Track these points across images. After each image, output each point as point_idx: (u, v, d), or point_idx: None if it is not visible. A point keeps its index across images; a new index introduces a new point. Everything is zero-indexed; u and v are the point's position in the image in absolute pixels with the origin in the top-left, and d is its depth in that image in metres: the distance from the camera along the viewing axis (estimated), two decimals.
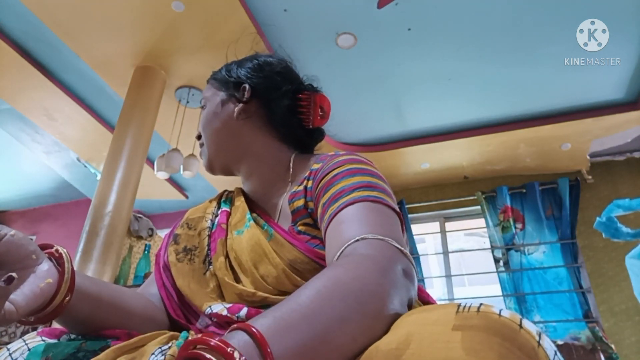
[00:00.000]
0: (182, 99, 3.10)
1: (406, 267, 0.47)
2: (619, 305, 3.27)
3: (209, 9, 2.43)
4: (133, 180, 2.58)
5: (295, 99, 0.78)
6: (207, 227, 0.73)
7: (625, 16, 2.48)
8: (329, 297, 0.38)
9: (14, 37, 2.87)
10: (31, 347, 0.52)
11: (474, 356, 0.29)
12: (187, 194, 4.64)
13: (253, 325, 0.33)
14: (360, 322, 0.37)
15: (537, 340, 0.30)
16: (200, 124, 0.82)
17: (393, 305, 0.40)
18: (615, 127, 3.28)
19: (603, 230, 2.06)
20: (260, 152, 0.77)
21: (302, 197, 0.67)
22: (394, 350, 0.33)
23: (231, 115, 0.77)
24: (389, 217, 0.56)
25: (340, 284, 0.40)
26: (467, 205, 3.97)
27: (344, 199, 0.58)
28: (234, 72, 0.80)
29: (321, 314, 0.36)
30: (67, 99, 3.26)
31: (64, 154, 4.11)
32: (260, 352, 0.31)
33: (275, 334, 0.33)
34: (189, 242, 0.72)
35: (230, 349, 0.30)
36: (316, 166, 0.69)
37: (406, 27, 2.62)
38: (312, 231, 0.64)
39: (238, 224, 0.71)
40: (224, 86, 0.80)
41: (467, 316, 0.32)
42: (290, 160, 0.76)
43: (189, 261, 0.70)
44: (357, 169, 0.63)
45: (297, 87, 0.80)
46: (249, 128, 0.77)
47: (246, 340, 0.32)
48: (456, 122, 3.46)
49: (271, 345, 0.32)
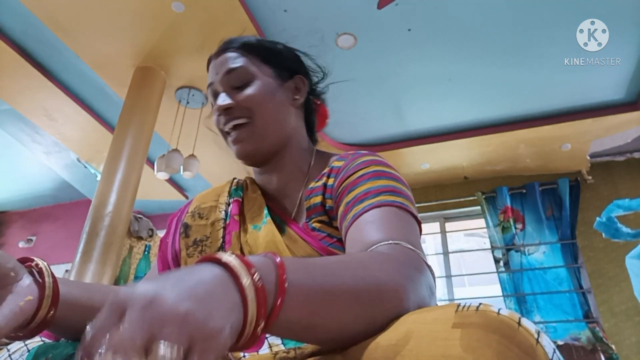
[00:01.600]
0: (182, 99, 3.11)
1: (431, 284, 0.47)
2: (619, 306, 3.27)
3: (209, 9, 2.43)
4: (133, 180, 2.58)
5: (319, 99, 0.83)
6: (221, 219, 0.71)
7: (625, 16, 2.48)
8: (353, 273, 0.39)
9: (14, 37, 2.87)
10: (31, 348, 0.53)
11: (471, 353, 0.29)
12: (187, 194, 4.64)
13: (278, 256, 0.36)
14: (370, 307, 0.38)
15: (535, 338, 0.30)
16: (251, 96, 0.69)
17: (407, 309, 0.40)
18: (615, 127, 3.28)
19: (603, 231, 2.06)
20: (297, 146, 0.75)
21: (320, 194, 0.66)
22: (393, 346, 0.33)
23: (288, 101, 0.73)
24: (412, 226, 0.56)
25: (367, 268, 0.41)
26: (467, 206, 3.97)
27: (370, 200, 0.58)
28: (289, 58, 0.78)
29: (340, 280, 0.38)
30: (67, 100, 3.26)
31: (64, 155, 4.11)
32: (276, 276, 0.33)
33: (295, 270, 0.35)
34: (199, 233, 0.70)
35: (253, 269, 0.32)
36: (338, 164, 0.68)
37: (406, 28, 2.62)
38: (326, 229, 0.64)
39: (255, 218, 0.70)
40: (272, 65, 0.74)
41: (466, 315, 0.32)
42: (312, 154, 0.76)
43: (199, 253, 0.69)
44: (383, 171, 0.63)
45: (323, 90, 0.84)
46: (295, 118, 0.76)
47: (269, 261, 0.35)
48: (456, 123, 3.46)
49: (288, 274, 0.34)
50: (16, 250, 5.11)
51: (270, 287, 0.33)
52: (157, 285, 0.28)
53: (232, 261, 0.32)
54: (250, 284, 0.31)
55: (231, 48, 0.73)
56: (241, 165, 0.75)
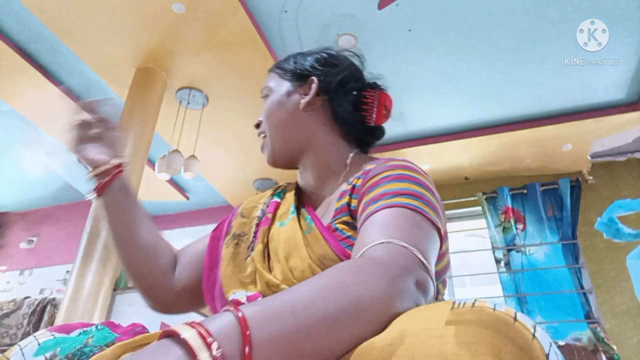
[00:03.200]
0: (183, 100, 3.11)
1: (421, 279, 0.45)
2: (621, 306, 3.26)
3: (210, 10, 2.44)
4: (134, 181, 2.58)
5: (360, 96, 0.78)
6: (257, 216, 0.76)
7: (626, 16, 2.48)
8: (324, 296, 0.38)
9: (15, 39, 2.87)
10: (41, 342, 0.55)
11: (466, 349, 0.29)
12: (188, 195, 4.65)
13: (242, 309, 0.35)
14: (352, 326, 0.37)
15: (532, 333, 0.30)
16: (263, 113, 0.80)
17: (397, 312, 0.39)
18: (616, 127, 3.28)
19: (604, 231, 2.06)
20: (322, 147, 0.76)
21: (348, 195, 0.67)
22: (388, 346, 0.33)
23: (297, 106, 0.76)
24: (423, 229, 0.54)
25: (340, 285, 0.39)
26: (467, 206, 3.97)
27: (384, 201, 0.57)
28: (301, 64, 0.80)
29: (311, 310, 0.36)
30: (68, 101, 3.27)
31: (65, 156, 4.12)
32: (240, 336, 0.33)
33: (260, 321, 0.34)
34: (239, 229, 0.76)
35: (210, 339, 0.31)
36: (370, 167, 0.68)
37: (407, 28, 2.62)
38: (347, 230, 0.64)
39: (283, 215, 0.73)
40: (290, 76, 0.79)
41: (461, 312, 0.32)
42: (348, 158, 0.75)
43: (235, 245, 0.73)
44: (408, 175, 0.62)
45: (362, 84, 0.80)
46: (314, 121, 0.77)
47: (231, 321, 0.34)
48: (457, 123, 3.46)
49: (252, 330, 0.33)
50: (17, 251, 5.11)
51: (235, 350, 0.32)
52: None
53: (190, 339, 0.31)
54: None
55: (269, 71, 0.84)
56: (242, 166, 0.79)
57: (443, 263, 0.64)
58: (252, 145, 3.63)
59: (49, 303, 3.02)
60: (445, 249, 0.62)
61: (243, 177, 4.10)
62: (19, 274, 4.96)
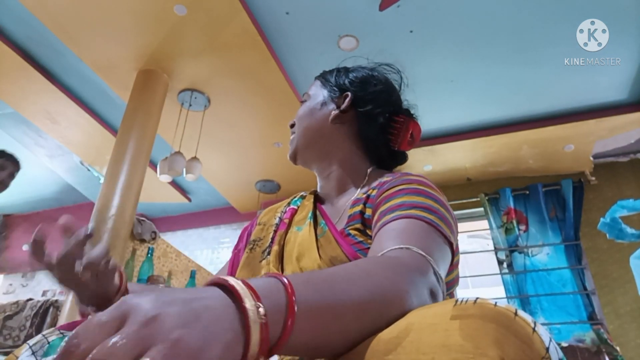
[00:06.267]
0: (185, 102, 3.11)
1: (434, 287, 0.48)
2: (624, 307, 3.25)
3: (211, 12, 2.44)
4: (136, 183, 2.58)
5: (390, 119, 0.82)
6: (274, 223, 0.81)
7: (627, 16, 2.47)
8: (358, 283, 0.40)
9: (17, 41, 2.88)
10: (50, 340, 0.56)
11: (470, 341, 0.30)
12: (189, 196, 4.65)
13: (286, 277, 0.36)
14: (376, 316, 0.39)
15: (532, 327, 0.31)
16: (297, 114, 0.86)
17: (408, 311, 0.41)
18: (618, 128, 3.27)
19: (607, 231, 2.06)
20: (343, 159, 0.81)
21: (362, 204, 0.70)
22: (394, 338, 0.34)
23: (327, 117, 0.81)
24: (437, 243, 0.56)
25: (372, 277, 0.42)
26: (470, 207, 3.96)
27: (400, 212, 0.59)
28: (341, 78, 0.85)
29: (347, 294, 0.38)
30: (70, 103, 3.28)
31: (67, 158, 4.13)
32: (285, 298, 0.34)
33: (303, 290, 0.35)
34: (256, 235, 0.81)
35: (259, 296, 0.32)
36: (386, 179, 0.71)
37: (408, 29, 2.62)
38: (359, 236, 0.67)
39: (300, 220, 0.77)
40: (328, 87, 0.85)
41: (464, 307, 0.33)
42: (367, 172, 0.79)
43: (250, 250, 0.77)
44: (423, 190, 0.65)
45: (394, 109, 0.84)
46: (339, 134, 0.81)
47: (277, 285, 0.35)
48: (459, 124, 3.46)
49: (297, 295, 0.34)
50: (20, 253, 5.12)
51: (281, 309, 0.33)
52: (163, 304, 0.27)
53: (238, 286, 0.31)
54: (255, 313, 0.30)
55: (315, 78, 0.90)
56: (244, 168, 0.81)
57: (452, 276, 0.67)
58: (254, 146, 3.63)
59: (52, 305, 3.02)
60: (455, 262, 0.65)
61: (245, 179, 4.10)
62: (21, 277, 4.98)
